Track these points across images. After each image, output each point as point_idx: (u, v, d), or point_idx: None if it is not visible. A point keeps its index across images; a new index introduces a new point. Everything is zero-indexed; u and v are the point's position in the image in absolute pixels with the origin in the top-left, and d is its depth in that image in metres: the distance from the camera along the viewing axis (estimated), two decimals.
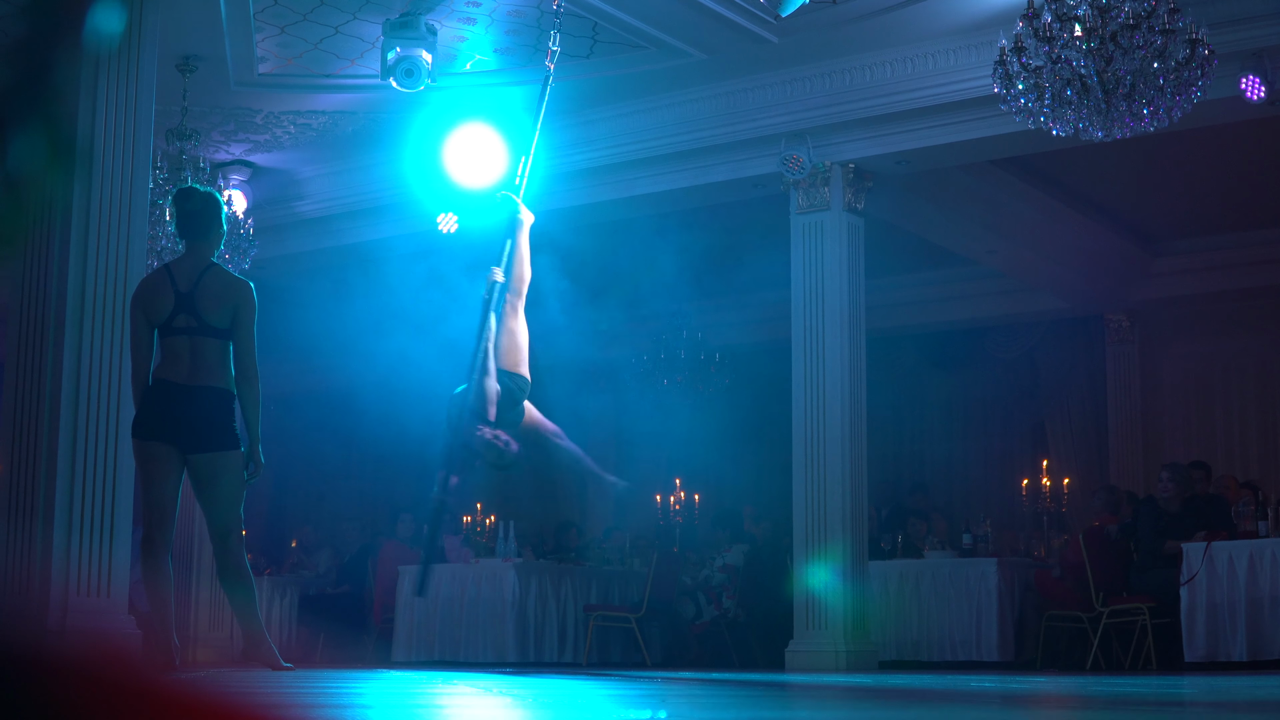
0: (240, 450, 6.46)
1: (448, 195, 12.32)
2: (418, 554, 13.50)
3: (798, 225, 11.40)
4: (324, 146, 12.51)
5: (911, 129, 10.92)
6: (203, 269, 6.49)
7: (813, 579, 10.87)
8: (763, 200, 12.18)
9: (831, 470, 10.95)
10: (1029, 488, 14.70)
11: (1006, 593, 12.09)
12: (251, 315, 6.46)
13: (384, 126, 12.04)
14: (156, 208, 10.24)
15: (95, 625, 7.29)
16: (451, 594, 12.72)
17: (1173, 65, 7.73)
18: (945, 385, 17.20)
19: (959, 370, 17.03)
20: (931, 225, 13.47)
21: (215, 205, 6.65)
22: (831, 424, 11.01)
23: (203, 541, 12.68)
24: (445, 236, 12.85)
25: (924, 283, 16.12)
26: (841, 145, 11.21)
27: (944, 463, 17.26)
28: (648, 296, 16.15)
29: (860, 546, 11.06)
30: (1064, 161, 12.59)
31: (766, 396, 17.34)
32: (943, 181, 12.48)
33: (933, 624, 12.17)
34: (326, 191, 13.23)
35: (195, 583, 13.51)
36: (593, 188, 12.09)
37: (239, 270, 10.75)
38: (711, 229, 14.24)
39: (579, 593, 13.14)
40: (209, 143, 12.06)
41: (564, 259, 7.41)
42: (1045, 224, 13.80)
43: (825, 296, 11.19)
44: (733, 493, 17.63)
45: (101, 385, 7.51)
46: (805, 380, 11.17)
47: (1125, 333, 16.05)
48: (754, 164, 11.49)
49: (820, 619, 10.82)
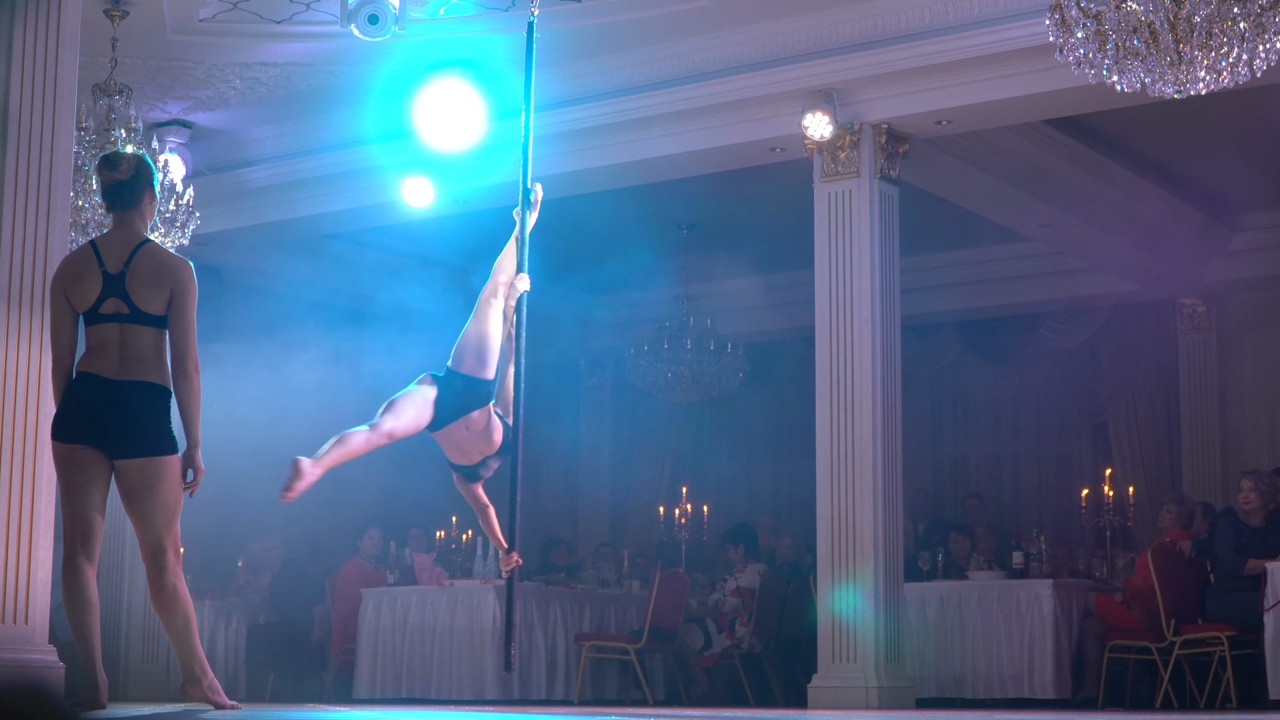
0: (177, 455, 6.43)
1: (418, 160, 12.31)
2: (383, 574, 13.51)
3: (822, 195, 11.38)
4: (275, 104, 12.48)
5: (953, 84, 10.89)
6: (134, 246, 6.46)
7: (839, 603, 10.85)
8: (782, 167, 12.16)
9: (861, 478, 10.93)
10: (1089, 498, 14.67)
11: (1063, 619, 12.08)
12: (191, 299, 6.43)
13: (345, 81, 12.01)
14: (81, 175, 10.20)
15: (11, 657, 7.27)
16: (422, 620, 12.70)
17: (1255, 9, 7.70)
18: (992, 380, 17.17)
19: (1008, 363, 17.00)
20: (976, 195, 13.44)
21: (147, 172, 6.62)
22: (861, 424, 10.99)
23: (134, 561, 12.66)
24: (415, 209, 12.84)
25: (967, 262, 16.09)
26: (873, 103, 11.18)
27: (991, 469, 17.24)
28: (648, 278, 16.15)
29: (894, 566, 11.04)
30: (1129, 122, 12.55)
31: (786, 392, 17.35)
32: (989, 145, 12.45)
33: (978, 656, 12.15)
34: (278, 156, 13.20)
35: (126, 608, 13.50)
36: (584, 153, 12.06)
37: (176, 247, 10.72)
38: (722, 200, 14.23)
39: (570, 619, 13.13)
40: (142, 99, 12.03)
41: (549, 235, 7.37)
42: (1107, 194, 13.77)
43: (854, 277, 11.16)
44: (746, 504, 17.64)
45: (17, 380, 7.49)
46: (831, 374, 11.15)
47: (1201, 319, 16.03)
48: (771, 124, 11.47)
49: (848, 650, 10.80)
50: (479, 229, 13.84)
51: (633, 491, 18.48)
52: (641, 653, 13.07)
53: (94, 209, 10.33)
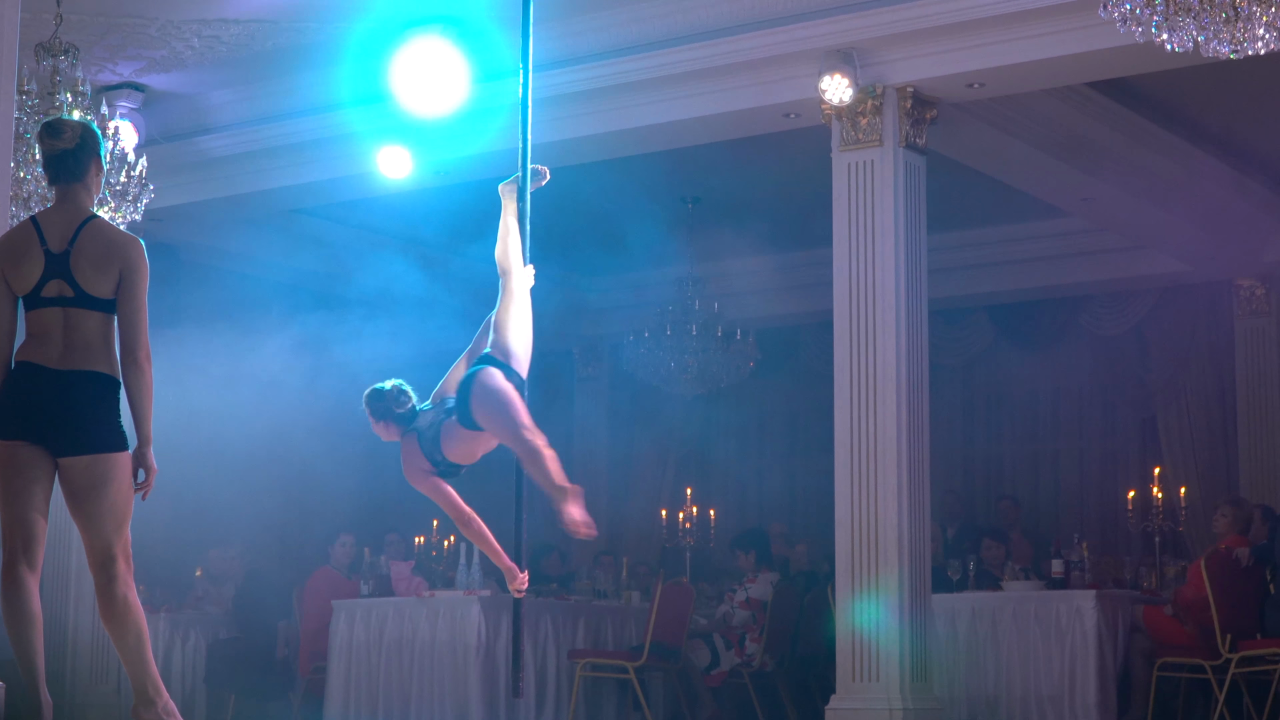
0: (127, 452, 6.41)
1: (395, 127, 12.29)
2: (356, 585, 13.51)
3: (841, 166, 11.37)
4: (237, 65, 12.47)
5: (986, 42, 10.88)
6: (80, 223, 6.44)
7: (860, 617, 10.86)
8: (797, 135, 12.14)
9: (885, 478, 10.94)
10: (1136, 500, 14.68)
11: (1108, 635, 12.07)
12: (142, 281, 6.41)
13: (314, 40, 12.00)
14: (23, 143, 10.20)
15: None
16: (400, 635, 12.70)
17: None
18: (1029, 370, 17.17)
19: (1046, 352, 17.01)
20: (1011, 166, 13.43)
21: (94, 140, 6.60)
22: (884, 419, 10.99)
23: (81, 570, 12.64)
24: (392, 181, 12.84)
25: (1001, 240, 16.09)
26: (898, 63, 11.17)
27: (1027, 469, 17.25)
28: (649, 258, 16.13)
29: (921, 575, 11.05)
30: (1181, 85, 12.53)
31: (801, 384, 17.34)
32: (1026, 110, 12.44)
33: (1013, 675, 12.14)
34: (241, 123, 13.21)
35: (73, 623, 13.50)
36: (578, 118, 12.05)
37: (128, 224, 10.70)
38: (731, 172, 14.21)
39: (562, 634, 13.12)
40: (91, 60, 12.01)
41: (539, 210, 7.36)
42: (1157, 164, 13.76)
43: (876, 257, 11.16)
44: (758, 507, 17.65)
45: None
46: (851, 363, 11.14)
47: (1260, 303, 16.03)
48: (785, 87, 11.46)
49: (870, 668, 10.81)
50: (462, 203, 13.85)
51: (632, 493, 18.49)
52: (641, 671, 13.06)
53: (36, 181, 10.31)
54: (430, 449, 6.96)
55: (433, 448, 6.96)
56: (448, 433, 6.96)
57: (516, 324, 7.12)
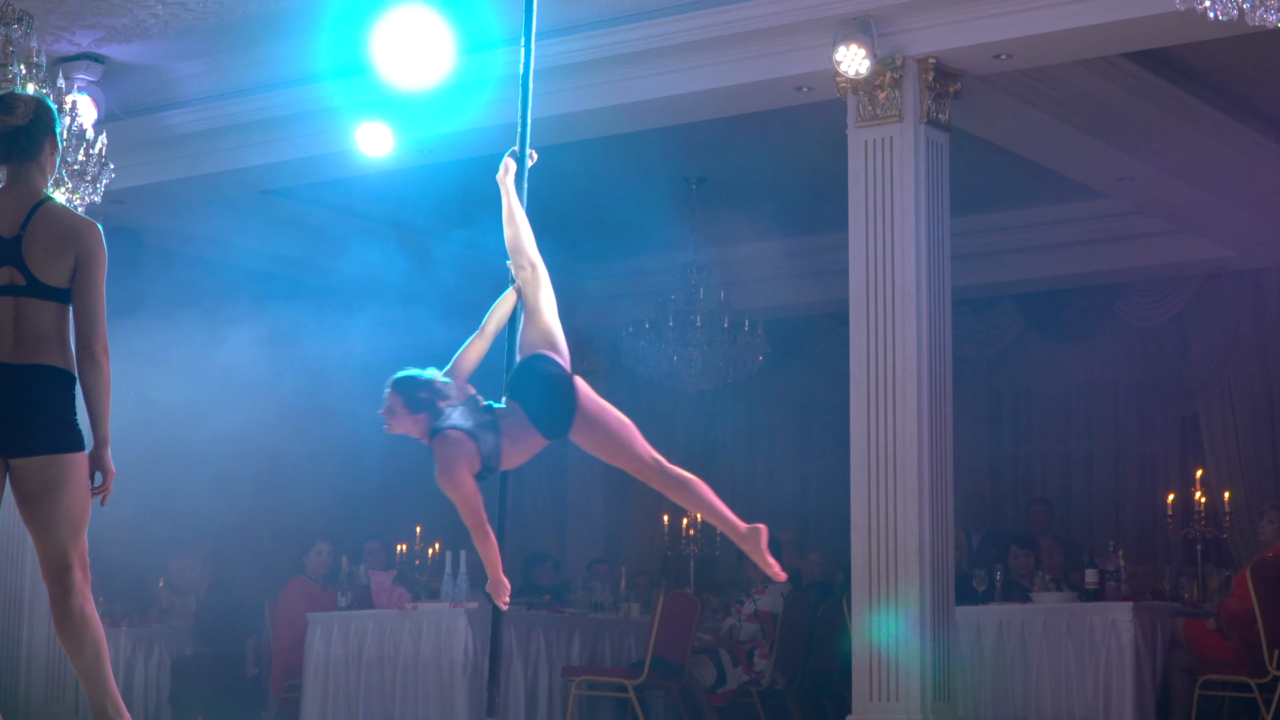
0: (84, 453, 6.42)
1: (375, 101, 12.30)
2: (333, 596, 13.53)
3: (857, 143, 11.39)
4: (204, 35, 12.47)
5: (1014, 10, 10.90)
6: (32, 206, 6.45)
7: (878, 631, 10.88)
8: (810, 109, 12.15)
9: (904, 480, 10.95)
10: (1176, 505, 14.69)
11: (1145, 649, 12.09)
12: (100, 268, 6.42)
13: (288, 7, 12.01)
14: None
15: None
16: (382, 650, 12.72)
17: None
18: (1060, 365, 17.19)
19: (1079, 344, 17.02)
20: (1041, 144, 13.45)
21: (48, 116, 6.61)
22: (904, 416, 11.00)
23: (35, 580, 12.65)
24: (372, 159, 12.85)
25: (1030, 223, 16.10)
26: (918, 32, 11.19)
27: (1058, 471, 17.26)
28: (650, 243, 16.14)
29: (944, 586, 11.06)
30: (1224, 57, 12.55)
31: (814, 379, 17.36)
32: (1057, 84, 12.45)
33: (1044, 693, 12.17)
34: (208, 97, 13.22)
35: (27, 637, 13.51)
36: (574, 92, 12.05)
37: (86, 206, 10.71)
38: (739, 149, 14.22)
39: (556, 650, 13.14)
40: (46, 29, 12.02)
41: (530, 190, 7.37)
42: (1199, 142, 13.78)
43: (895, 241, 11.17)
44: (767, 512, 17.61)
45: None
46: (868, 357, 11.15)
47: None
48: (797, 59, 11.48)
49: (889, 686, 10.83)
50: (448, 183, 13.86)
51: (631, 497, 18.47)
52: (641, 690, 13.08)
53: None
54: (491, 453, 6.84)
55: (493, 451, 6.87)
56: (514, 436, 6.91)
57: (556, 316, 7.18)
